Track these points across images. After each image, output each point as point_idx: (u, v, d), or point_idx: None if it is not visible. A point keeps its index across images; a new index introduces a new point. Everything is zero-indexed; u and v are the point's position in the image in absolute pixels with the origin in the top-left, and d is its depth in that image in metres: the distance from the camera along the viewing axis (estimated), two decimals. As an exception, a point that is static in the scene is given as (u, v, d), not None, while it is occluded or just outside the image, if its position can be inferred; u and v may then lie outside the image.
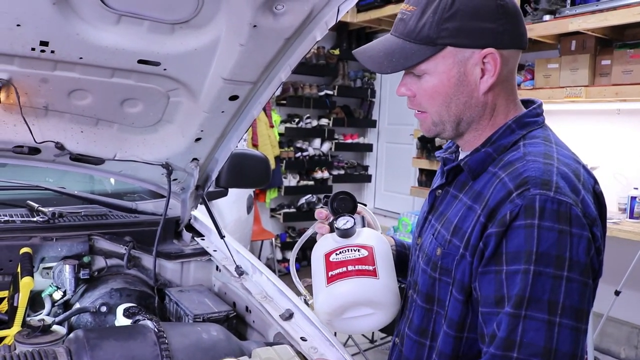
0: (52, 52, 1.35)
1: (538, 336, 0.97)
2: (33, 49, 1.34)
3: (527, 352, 0.96)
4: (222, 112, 1.64)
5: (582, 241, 1.00)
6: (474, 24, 1.08)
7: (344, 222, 1.29)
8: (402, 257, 1.44)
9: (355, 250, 1.25)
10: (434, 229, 1.22)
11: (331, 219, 1.34)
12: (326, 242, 1.30)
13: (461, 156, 1.26)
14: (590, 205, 1.05)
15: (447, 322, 1.13)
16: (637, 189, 4.02)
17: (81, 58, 1.40)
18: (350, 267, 1.22)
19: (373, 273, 1.21)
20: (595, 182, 1.13)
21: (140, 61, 1.43)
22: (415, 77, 1.16)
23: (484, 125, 1.17)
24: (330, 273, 1.23)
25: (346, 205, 1.34)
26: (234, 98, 1.58)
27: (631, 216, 3.98)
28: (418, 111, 1.20)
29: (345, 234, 1.27)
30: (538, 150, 1.10)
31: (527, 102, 1.23)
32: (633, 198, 3.99)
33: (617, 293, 3.67)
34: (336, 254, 1.26)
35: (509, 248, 1.02)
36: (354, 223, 1.28)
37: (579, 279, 0.99)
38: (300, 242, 1.46)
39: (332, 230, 1.32)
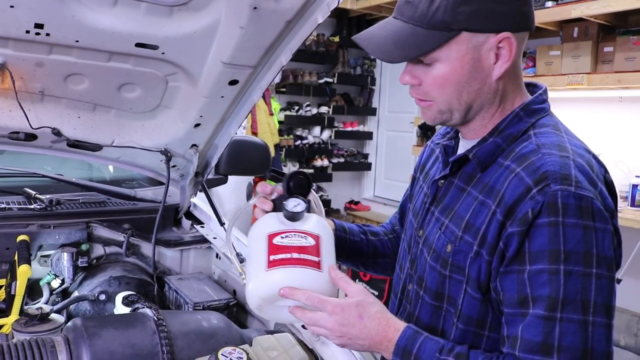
0: (48, 34, 1.32)
1: (576, 338, 0.95)
2: (28, 32, 1.31)
3: (567, 356, 0.94)
4: (222, 97, 1.61)
5: (607, 235, 0.99)
6: (490, 7, 1.03)
7: (295, 204, 1.19)
8: (342, 242, 1.40)
9: (302, 237, 1.16)
10: (439, 222, 1.17)
11: (274, 195, 1.24)
12: (270, 222, 1.19)
13: (462, 143, 1.21)
14: (608, 196, 1.03)
15: (464, 320, 1.10)
16: (638, 176, 4.00)
17: (77, 41, 1.37)
18: (295, 255, 1.13)
19: (317, 265, 1.13)
20: (606, 171, 1.10)
21: (138, 44, 1.40)
22: (422, 64, 1.09)
23: (491, 113, 1.12)
24: (272, 257, 1.14)
25: (302, 186, 1.24)
26: (233, 82, 1.55)
27: (632, 204, 3.97)
28: (421, 99, 1.13)
29: (294, 217, 1.18)
30: (551, 141, 1.06)
31: (529, 86, 1.19)
32: (634, 186, 3.97)
33: (618, 281, 3.66)
34: (281, 237, 1.16)
35: (532, 247, 0.98)
36: (305, 207, 1.19)
37: (606, 275, 0.98)
38: (238, 214, 1.31)
39: (275, 208, 1.23)
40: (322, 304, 1.09)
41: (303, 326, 1.47)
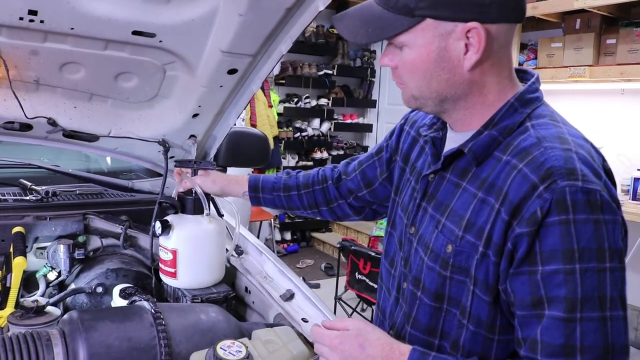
0: (42, 21, 1.30)
1: (597, 337, 0.93)
2: (21, 19, 1.28)
3: (590, 356, 0.92)
4: (221, 86, 1.58)
5: (617, 227, 0.97)
6: None
7: (157, 226, 1.60)
8: (256, 201, 1.62)
9: (165, 253, 1.62)
10: (434, 220, 1.13)
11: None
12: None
13: (450, 134, 1.18)
14: (612, 187, 1.01)
15: (474, 321, 1.07)
16: (640, 170, 3.98)
17: (72, 29, 1.34)
18: (163, 266, 1.65)
19: (173, 275, 1.63)
20: (604, 159, 1.07)
21: (135, 32, 1.37)
22: (397, 48, 1.08)
23: (473, 103, 1.09)
24: (159, 265, 1.68)
25: (168, 207, 1.67)
26: (232, 72, 1.52)
27: (634, 198, 3.95)
28: (398, 82, 1.14)
29: (162, 234, 1.61)
30: (551, 133, 1.03)
31: (518, 72, 1.15)
32: (636, 179, 3.95)
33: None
34: (159, 249, 1.66)
35: (544, 247, 0.96)
36: (163, 230, 1.59)
37: (618, 267, 0.96)
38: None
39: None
40: (321, 338, 1.12)
41: (303, 319, 1.45)
